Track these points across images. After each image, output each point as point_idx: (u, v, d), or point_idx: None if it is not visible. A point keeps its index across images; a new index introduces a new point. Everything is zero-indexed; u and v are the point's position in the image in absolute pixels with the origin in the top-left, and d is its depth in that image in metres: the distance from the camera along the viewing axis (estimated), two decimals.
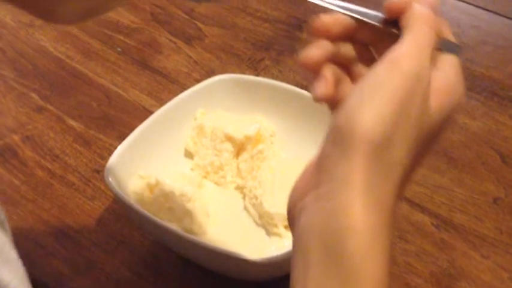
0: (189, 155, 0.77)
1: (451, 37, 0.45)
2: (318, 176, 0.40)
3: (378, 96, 0.39)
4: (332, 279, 0.38)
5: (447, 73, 0.43)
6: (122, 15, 1.04)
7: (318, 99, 0.44)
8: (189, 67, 0.94)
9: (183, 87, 0.83)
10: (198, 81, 0.81)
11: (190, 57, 0.96)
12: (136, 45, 0.99)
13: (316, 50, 0.45)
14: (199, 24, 1.03)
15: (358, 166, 0.38)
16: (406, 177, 0.41)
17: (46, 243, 0.72)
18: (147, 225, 0.67)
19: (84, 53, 0.97)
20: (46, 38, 1.00)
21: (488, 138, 0.84)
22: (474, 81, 0.91)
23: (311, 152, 0.73)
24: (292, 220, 0.42)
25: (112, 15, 1.04)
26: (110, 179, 0.66)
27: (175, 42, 0.99)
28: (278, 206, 0.69)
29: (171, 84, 0.91)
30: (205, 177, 0.75)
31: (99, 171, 0.79)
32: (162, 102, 0.80)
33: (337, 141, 0.39)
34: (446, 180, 0.78)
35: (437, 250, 0.71)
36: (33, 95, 0.90)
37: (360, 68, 0.47)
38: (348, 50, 0.47)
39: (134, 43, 0.99)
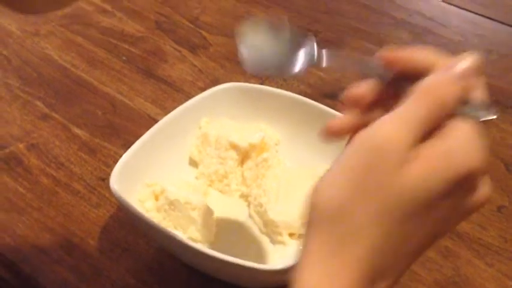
0: (193, 163, 0.78)
1: (482, 97, 0.41)
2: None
3: (336, 166, 0.40)
4: None
5: (447, 139, 0.39)
6: (126, 24, 1.04)
7: (321, 135, 0.46)
8: (194, 76, 0.95)
9: (188, 96, 0.83)
10: (202, 89, 0.81)
11: (195, 65, 0.97)
12: (141, 54, 0.99)
13: (339, 125, 0.46)
14: (203, 33, 1.03)
15: (313, 236, 0.40)
16: (382, 249, 0.39)
17: (51, 251, 0.72)
18: (152, 232, 0.67)
19: (89, 61, 0.98)
20: (51, 46, 1.00)
21: (492, 146, 0.84)
22: None
23: (315, 161, 0.73)
24: None
25: (117, 24, 1.04)
26: (115, 186, 0.66)
27: (180, 51, 0.99)
28: (283, 214, 0.70)
29: (176, 93, 0.92)
30: (210, 185, 0.75)
31: (104, 179, 0.79)
32: (166, 110, 0.80)
33: (308, 210, 0.41)
34: None
35: (442, 258, 0.71)
36: (39, 103, 0.90)
37: None
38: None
39: (139, 52, 0.99)
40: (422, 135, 0.39)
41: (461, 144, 0.39)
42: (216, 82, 0.83)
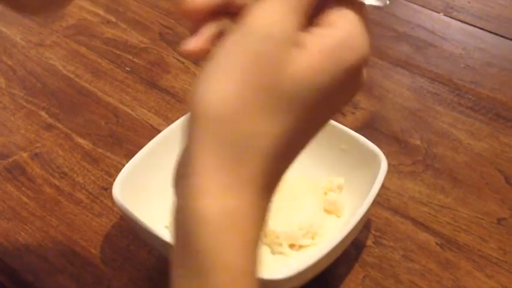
0: None
1: None
2: (179, 158, 0.37)
3: (218, 66, 0.35)
4: (187, 272, 0.35)
5: (335, 30, 0.36)
6: (130, 35, 1.05)
7: (183, 54, 0.40)
8: None
9: None
10: None
11: (198, 77, 0.97)
12: (145, 65, 1.00)
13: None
14: None
15: (203, 148, 0.35)
16: (283, 147, 0.37)
17: (53, 260, 0.73)
18: (154, 242, 0.68)
19: (92, 72, 0.98)
20: (55, 57, 1.01)
21: (492, 159, 0.84)
22: (479, 103, 0.92)
23: (317, 171, 0.74)
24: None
25: (121, 35, 1.05)
26: (118, 196, 0.67)
27: (183, 62, 1.00)
28: (283, 224, 0.70)
29: (179, 104, 0.92)
30: None
31: (107, 188, 0.79)
32: (169, 121, 0.81)
33: (187, 122, 0.36)
34: (451, 201, 0.79)
35: (442, 269, 0.72)
36: (42, 113, 0.91)
37: None
38: None
39: (142, 62, 1.00)
40: (305, 20, 0.36)
41: (347, 37, 0.36)
42: None
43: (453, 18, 1.10)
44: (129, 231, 0.75)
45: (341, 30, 0.36)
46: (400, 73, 0.97)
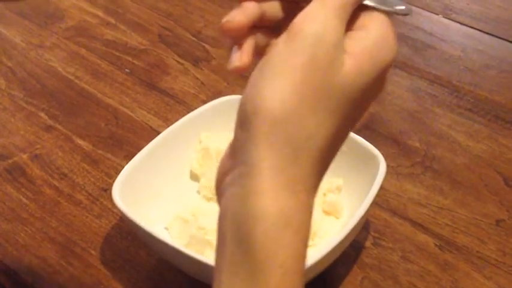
0: (194, 176, 0.78)
1: None
2: (231, 158, 0.38)
3: (275, 68, 0.37)
4: (240, 269, 0.36)
5: (370, 32, 0.39)
6: (130, 37, 1.05)
7: (232, 72, 0.41)
8: (196, 88, 0.96)
9: (190, 108, 0.84)
10: (204, 102, 0.82)
11: (197, 78, 0.98)
12: (144, 67, 1.00)
13: (241, 16, 0.40)
14: (206, 46, 1.04)
15: (263, 147, 0.36)
16: (328, 148, 0.38)
17: (53, 261, 0.73)
18: (153, 243, 0.68)
19: (92, 73, 0.98)
20: (55, 58, 1.01)
21: (491, 160, 0.84)
22: (478, 105, 0.92)
23: None
24: (218, 198, 0.40)
25: (121, 36, 1.05)
26: (117, 197, 0.67)
27: (182, 64, 1.00)
28: None
29: (178, 105, 0.92)
30: (211, 198, 0.76)
31: (107, 189, 0.80)
32: (169, 122, 0.81)
33: (242, 123, 0.38)
34: (450, 202, 0.79)
35: (441, 271, 0.72)
36: (42, 114, 0.91)
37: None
38: (275, 9, 0.43)
39: (142, 64, 1.00)
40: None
41: (382, 38, 0.39)
42: (218, 95, 0.84)
43: (452, 20, 1.10)
44: (128, 232, 0.75)
45: (375, 31, 0.39)
46: (399, 75, 0.98)
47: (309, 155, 0.37)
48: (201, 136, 0.78)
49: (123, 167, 0.71)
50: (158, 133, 0.76)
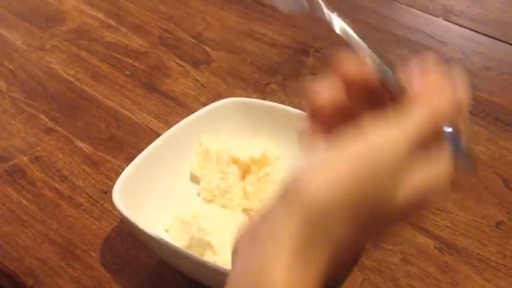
0: (194, 178, 0.78)
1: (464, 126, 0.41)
2: (261, 220, 0.39)
3: (332, 159, 0.37)
4: None
5: (431, 173, 0.40)
6: (130, 39, 1.06)
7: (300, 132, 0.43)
8: (197, 90, 0.96)
9: (190, 111, 0.84)
10: (205, 104, 0.82)
11: (197, 80, 0.98)
12: (145, 69, 1.00)
13: (324, 94, 0.42)
14: (207, 48, 1.04)
15: (293, 227, 0.36)
16: (342, 250, 0.38)
17: (53, 263, 0.73)
18: (153, 245, 0.68)
19: (93, 75, 0.99)
20: (56, 61, 1.01)
21: (491, 163, 0.84)
22: (477, 107, 0.92)
23: None
24: (232, 251, 0.40)
25: (121, 39, 1.06)
26: (117, 199, 0.67)
27: (183, 66, 1.00)
28: None
29: (179, 107, 0.93)
30: (211, 200, 0.76)
31: (107, 192, 0.80)
32: (169, 124, 0.81)
33: (284, 195, 0.38)
34: (450, 204, 0.79)
35: (441, 273, 0.72)
36: (43, 116, 0.91)
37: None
38: (360, 99, 0.43)
39: (143, 66, 1.00)
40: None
41: (440, 182, 0.40)
42: (218, 97, 0.84)
43: (452, 22, 1.10)
44: (129, 234, 0.75)
45: (435, 176, 0.40)
46: None
47: (327, 247, 0.37)
48: (201, 138, 0.79)
49: (124, 169, 0.71)
50: (158, 135, 0.76)
